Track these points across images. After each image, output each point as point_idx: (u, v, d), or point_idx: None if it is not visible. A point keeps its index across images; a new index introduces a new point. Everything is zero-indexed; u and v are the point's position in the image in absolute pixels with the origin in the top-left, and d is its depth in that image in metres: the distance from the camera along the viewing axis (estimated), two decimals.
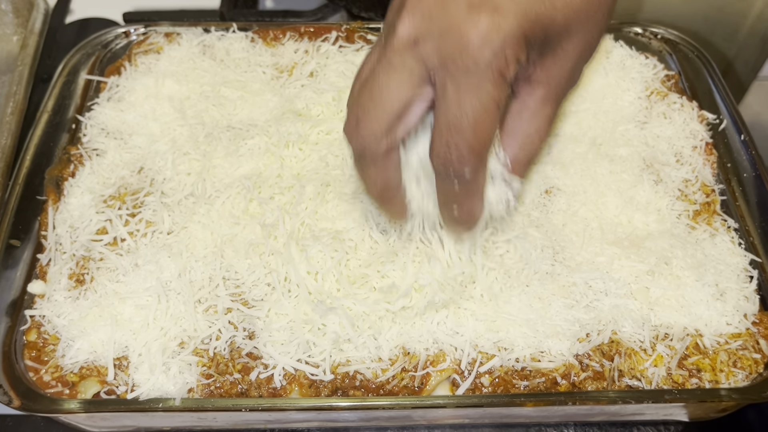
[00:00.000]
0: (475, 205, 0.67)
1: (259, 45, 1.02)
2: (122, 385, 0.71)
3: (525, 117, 0.65)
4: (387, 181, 0.66)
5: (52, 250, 0.80)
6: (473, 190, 0.65)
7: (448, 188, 0.64)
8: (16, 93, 0.95)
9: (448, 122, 0.59)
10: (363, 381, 0.72)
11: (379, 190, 0.68)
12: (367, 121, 0.61)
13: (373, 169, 0.65)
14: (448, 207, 0.68)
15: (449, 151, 0.60)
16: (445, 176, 0.63)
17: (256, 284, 0.77)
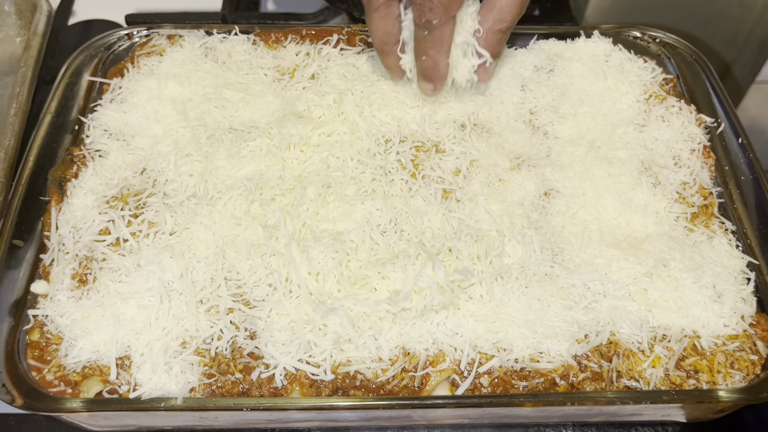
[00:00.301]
0: (440, 58, 0.85)
1: (260, 47, 1.02)
2: (124, 385, 0.72)
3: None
4: (386, 30, 0.85)
5: (55, 250, 0.80)
6: (439, 41, 0.82)
7: (420, 36, 0.82)
8: (19, 94, 0.96)
9: None
10: (363, 381, 0.72)
11: (380, 38, 0.86)
12: None
13: (376, 17, 0.83)
14: (419, 56, 0.85)
15: (423, 1, 0.78)
16: (420, 25, 0.80)
17: (257, 285, 0.77)
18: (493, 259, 0.79)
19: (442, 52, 0.84)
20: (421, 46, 0.84)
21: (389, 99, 0.95)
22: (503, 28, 0.84)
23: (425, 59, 0.85)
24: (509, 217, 0.84)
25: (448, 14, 0.80)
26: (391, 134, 0.91)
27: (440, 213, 0.83)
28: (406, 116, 0.94)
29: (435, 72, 0.86)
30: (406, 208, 0.83)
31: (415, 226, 0.82)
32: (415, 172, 0.88)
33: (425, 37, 0.82)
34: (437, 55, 0.84)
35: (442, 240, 0.80)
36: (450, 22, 0.81)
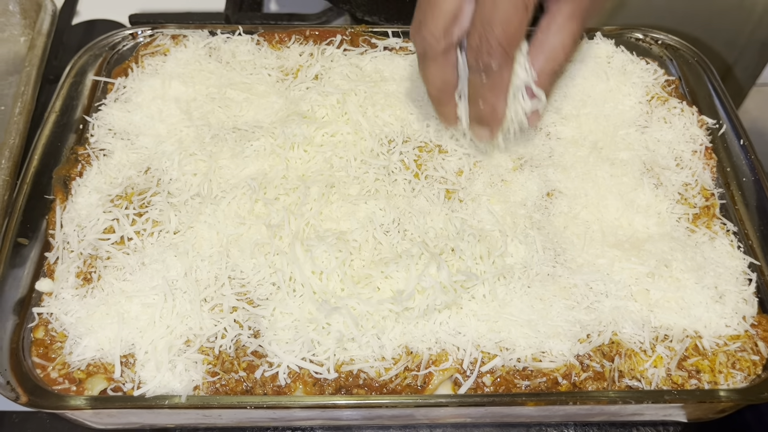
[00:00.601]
0: (499, 102, 0.78)
1: (264, 48, 1.03)
2: (129, 383, 0.72)
3: (552, 31, 0.76)
4: (445, 79, 0.78)
5: (60, 248, 0.81)
6: (498, 85, 0.76)
7: (477, 81, 0.75)
8: (24, 93, 0.96)
9: (483, 18, 0.71)
10: (366, 380, 0.73)
11: (438, 88, 0.80)
12: (428, 23, 0.74)
13: (434, 66, 0.77)
14: (475, 101, 0.78)
15: (481, 44, 0.72)
16: (476, 69, 0.74)
17: (261, 283, 0.78)
18: (495, 259, 0.79)
19: (500, 97, 0.78)
20: (477, 91, 0.77)
21: (392, 99, 0.95)
22: (556, 68, 0.78)
23: (483, 105, 0.78)
24: (512, 218, 0.84)
25: (508, 56, 0.73)
26: (394, 134, 0.92)
27: (443, 213, 0.84)
28: (409, 117, 0.94)
29: (493, 117, 0.79)
30: (409, 208, 0.84)
31: (418, 225, 0.82)
32: (418, 172, 0.88)
33: (483, 82, 0.75)
34: (496, 99, 0.78)
35: (444, 240, 0.80)
36: (509, 65, 0.75)
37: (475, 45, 0.72)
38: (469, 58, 0.75)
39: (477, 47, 0.72)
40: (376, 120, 0.93)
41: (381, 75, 0.99)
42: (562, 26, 0.75)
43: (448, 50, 0.76)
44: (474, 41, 0.72)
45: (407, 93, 0.96)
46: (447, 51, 0.76)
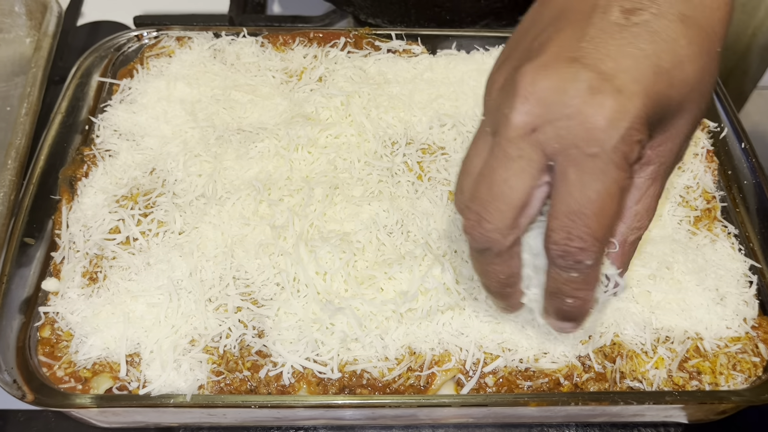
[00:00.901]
0: (589, 298, 0.63)
1: (268, 50, 1.04)
2: (134, 381, 0.73)
3: (634, 197, 0.62)
4: (511, 273, 0.64)
5: (66, 248, 0.81)
6: (590, 281, 0.61)
7: (564, 278, 0.60)
8: (30, 94, 0.97)
9: (570, 209, 0.55)
10: (370, 380, 0.73)
11: (502, 283, 0.64)
12: (491, 217, 0.58)
13: (498, 262, 0.62)
14: (558, 298, 0.63)
15: (570, 240, 0.56)
16: (563, 266, 0.59)
17: (265, 284, 0.78)
18: None
19: (592, 290, 0.62)
20: (563, 288, 0.62)
21: (396, 102, 0.96)
22: (640, 236, 0.65)
23: (568, 302, 0.63)
24: None
25: (602, 249, 0.58)
26: (398, 137, 0.92)
27: (446, 215, 0.84)
28: (412, 119, 0.95)
29: (582, 311, 0.64)
30: (413, 210, 0.84)
31: (422, 227, 0.83)
32: (422, 174, 0.89)
33: (569, 278, 0.60)
34: (587, 294, 0.62)
35: (448, 242, 0.81)
36: (602, 256, 0.60)
37: (562, 241, 0.57)
38: (553, 255, 0.59)
39: (564, 244, 0.57)
40: (379, 122, 0.94)
41: (385, 77, 1.00)
42: (645, 191, 0.62)
43: (515, 244, 0.61)
44: (559, 237, 0.57)
45: (411, 95, 0.97)
46: (513, 245, 0.61)
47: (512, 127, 0.54)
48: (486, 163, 0.57)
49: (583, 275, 0.59)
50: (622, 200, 0.58)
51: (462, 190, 0.61)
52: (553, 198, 0.56)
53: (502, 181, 0.56)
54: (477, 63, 1.02)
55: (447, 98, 0.97)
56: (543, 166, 0.55)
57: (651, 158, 0.61)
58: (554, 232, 0.57)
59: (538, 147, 0.54)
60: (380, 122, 0.93)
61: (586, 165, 0.53)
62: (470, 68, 1.01)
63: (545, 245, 0.59)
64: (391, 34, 1.05)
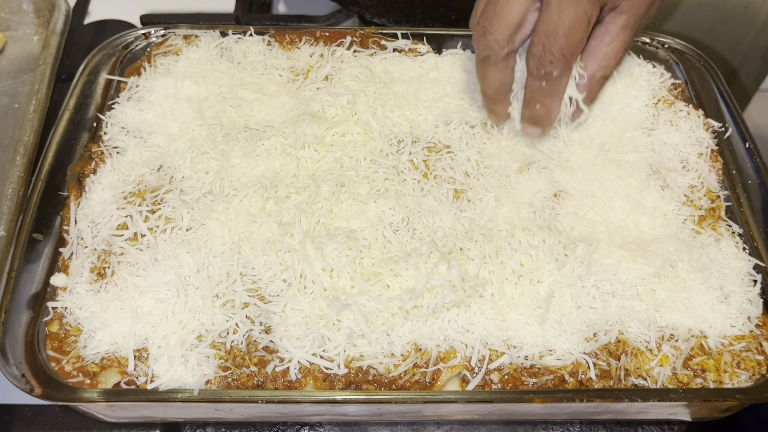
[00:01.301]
0: (554, 106, 0.84)
1: (275, 48, 1.04)
2: (142, 376, 0.73)
3: (606, 40, 0.81)
4: (502, 81, 0.84)
5: (74, 244, 0.82)
6: (556, 91, 0.81)
7: (536, 86, 0.80)
8: (38, 91, 0.98)
9: (547, 29, 0.75)
10: (376, 376, 0.74)
11: (495, 88, 0.85)
12: (493, 30, 0.79)
13: (494, 69, 0.83)
14: (531, 104, 0.84)
15: (543, 52, 0.76)
16: (536, 75, 0.79)
17: (272, 280, 0.79)
18: (504, 259, 0.80)
19: (556, 101, 0.84)
20: (535, 94, 0.83)
21: (402, 100, 0.96)
22: (606, 74, 0.84)
23: (539, 107, 0.84)
24: (519, 218, 0.85)
25: (568, 65, 0.79)
26: (404, 135, 0.93)
27: (451, 213, 0.85)
28: (418, 117, 0.95)
29: (547, 119, 0.86)
30: (418, 208, 0.85)
31: (427, 225, 0.83)
32: (427, 173, 0.89)
33: (541, 87, 0.81)
34: (552, 103, 0.84)
35: (453, 239, 0.81)
36: (568, 73, 0.81)
37: (538, 53, 0.77)
38: (530, 65, 0.79)
39: (539, 56, 0.77)
40: (385, 120, 0.94)
41: (390, 76, 1.00)
42: (616, 36, 0.80)
43: (509, 55, 0.82)
44: (537, 50, 0.77)
45: (416, 94, 0.97)
46: (508, 56, 0.81)
47: None
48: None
49: (550, 85, 0.80)
50: (588, 29, 0.78)
51: (476, 12, 0.82)
52: (537, 21, 0.77)
53: (505, 2, 0.78)
54: None
55: (452, 97, 0.98)
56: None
57: (624, 8, 0.79)
58: (534, 45, 0.78)
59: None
60: (386, 121, 0.94)
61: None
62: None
63: (526, 58, 0.80)
64: (397, 34, 1.06)
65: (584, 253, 0.81)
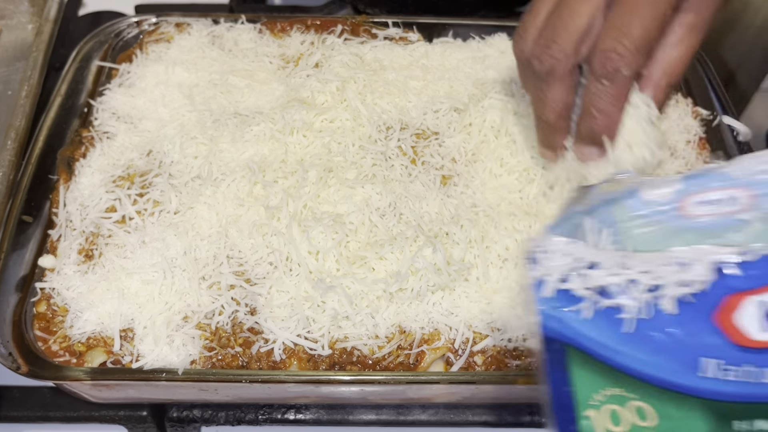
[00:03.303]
0: (617, 114, 0.71)
1: (266, 36, 1.05)
2: (127, 356, 0.74)
3: (671, 42, 0.71)
4: (567, 102, 0.73)
5: (63, 226, 0.83)
6: (620, 95, 0.70)
7: (598, 89, 0.70)
8: (30, 77, 0.98)
9: (621, 22, 0.67)
10: (360, 357, 0.74)
11: (558, 111, 0.74)
12: (560, 39, 0.69)
13: (558, 86, 0.72)
14: (589, 115, 0.72)
15: (614, 45, 0.67)
16: (601, 74, 0.69)
17: (258, 263, 0.79)
18: (489, 243, 0.80)
19: (620, 107, 0.71)
20: (595, 100, 0.70)
21: (391, 88, 0.97)
22: (672, 82, 0.73)
23: (598, 118, 0.71)
24: (507, 204, 0.85)
25: (638, 63, 0.68)
26: (393, 122, 0.93)
27: (438, 198, 0.85)
28: (407, 104, 0.96)
29: (608, 131, 0.72)
30: (405, 193, 0.85)
31: (414, 210, 0.84)
32: (415, 159, 0.90)
33: (604, 89, 0.69)
34: (615, 110, 0.71)
35: (439, 224, 0.82)
36: (634, 74, 0.69)
37: (607, 47, 0.67)
38: (595, 63, 0.69)
39: (608, 50, 0.67)
40: (374, 107, 0.95)
41: (380, 64, 1.01)
42: (682, 39, 0.71)
43: (574, 70, 0.71)
44: (605, 44, 0.68)
45: (406, 82, 0.97)
46: (573, 70, 0.71)
47: None
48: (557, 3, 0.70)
49: (616, 87, 0.69)
50: (662, 30, 0.68)
51: (527, 28, 0.73)
52: (609, 15, 0.68)
53: (571, 9, 0.69)
54: (473, 51, 1.03)
55: (442, 85, 0.98)
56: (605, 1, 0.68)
57: (693, 7, 0.70)
58: (603, 40, 0.68)
59: None
60: (375, 107, 0.94)
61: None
62: (465, 55, 1.02)
63: (591, 56, 0.69)
64: (387, 22, 1.06)
65: None
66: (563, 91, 0.72)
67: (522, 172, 0.88)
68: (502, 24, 1.07)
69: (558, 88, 0.72)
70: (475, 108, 0.92)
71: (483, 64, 1.01)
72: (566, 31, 0.69)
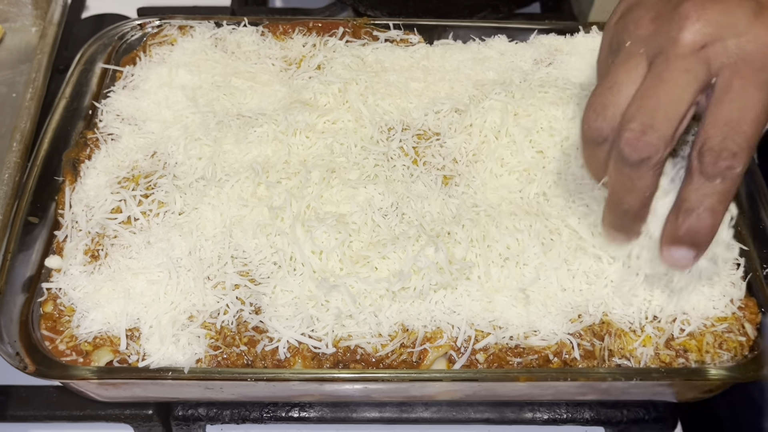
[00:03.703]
0: (722, 214, 0.64)
1: (269, 38, 1.06)
2: (134, 355, 0.75)
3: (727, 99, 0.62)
4: (654, 189, 0.67)
5: (69, 227, 0.84)
6: (730, 193, 0.63)
7: (707, 190, 0.62)
8: (35, 80, 0.99)
9: (730, 116, 0.60)
10: (363, 355, 0.75)
11: (644, 199, 0.67)
12: (659, 125, 0.61)
13: (650, 176, 0.64)
14: (690, 215, 0.64)
15: (725, 144, 0.60)
16: (710, 174, 0.61)
17: (262, 263, 0.80)
18: (490, 242, 0.81)
19: (726, 206, 0.64)
20: (703, 200, 0.63)
21: (393, 89, 0.97)
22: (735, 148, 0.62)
23: (703, 216, 0.63)
24: (508, 204, 0.86)
25: (749, 157, 0.61)
26: (394, 123, 0.94)
27: (440, 198, 0.86)
28: (408, 106, 0.97)
29: (711, 232, 0.65)
30: (408, 193, 0.86)
31: (416, 209, 0.85)
32: (417, 159, 0.91)
33: (714, 188, 0.62)
34: (722, 209, 0.64)
35: (441, 224, 0.83)
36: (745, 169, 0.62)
37: (718, 146, 0.60)
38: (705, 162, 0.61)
39: (718, 149, 0.60)
40: (376, 108, 0.95)
41: (382, 66, 1.02)
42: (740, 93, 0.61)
43: (667, 157, 0.65)
44: (714, 142, 0.60)
45: (407, 83, 0.98)
46: (666, 158, 0.65)
47: (682, 45, 0.60)
48: (648, 80, 0.62)
49: (726, 185, 0.62)
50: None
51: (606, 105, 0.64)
52: (711, 109, 0.61)
53: (670, 90, 0.61)
54: (473, 52, 1.04)
55: (443, 86, 0.99)
56: (706, 81, 0.61)
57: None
58: (710, 138, 0.60)
59: (706, 62, 0.60)
60: (377, 109, 0.95)
61: (753, 77, 0.60)
62: (466, 57, 1.03)
63: (694, 156, 0.62)
64: (388, 24, 1.07)
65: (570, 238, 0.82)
66: (654, 179, 0.65)
67: (522, 172, 0.89)
68: (502, 26, 1.08)
69: (651, 176, 0.64)
70: (475, 109, 0.93)
71: (483, 65, 1.02)
72: (666, 117, 0.61)
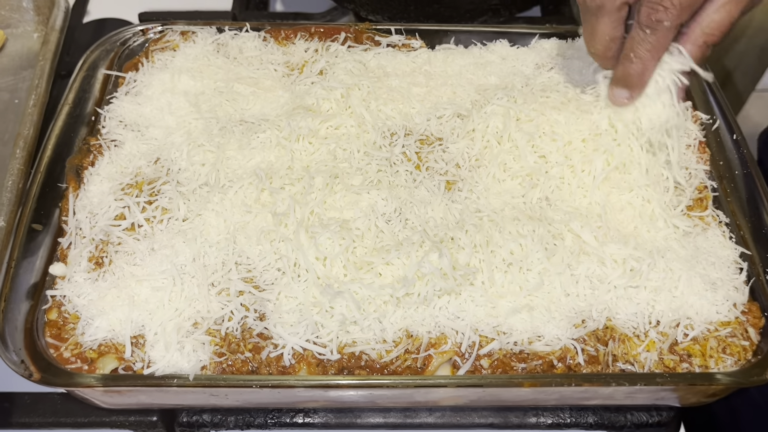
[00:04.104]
0: (651, 63, 0.80)
1: (271, 44, 1.06)
2: (139, 362, 0.75)
3: (714, 7, 0.77)
4: (614, 36, 0.80)
5: (73, 234, 0.84)
6: (658, 45, 0.78)
7: (639, 37, 0.78)
8: (38, 86, 0.99)
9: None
10: (368, 361, 0.75)
11: (606, 44, 0.81)
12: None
13: (607, 21, 0.79)
14: (627, 60, 0.80)
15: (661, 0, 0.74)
16: (644, 23, 0.76)
17: (267, 269, 0.80)
18: (494, 248, 0.81)
19: (655, 58, 0.80)
20: (635, 46, 0.79)
21: (395, 94, 0.98)
22: (709, 42, 0.79)
23: (635, 62, 0.80)
24: (511, 209, 0.86)
25: (680, 19, 0.75)
26: (397, 128, 0.95)
27: (443, 203, 0.86)
28: (411, 111, 0.97)
29: (640, 79, 0.82)
30: (411, 198, 0.86)
31: (419, 215, 0.85)
32: (420, 164, 0.91)
33: (645, 37, 0.77)
34: (650, 59, 0.79)
35: (444, 229, 0.83)
36: (675, 29, 0.77)
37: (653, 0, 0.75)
38: (641, 12, 0.76)
39: (656, 2, 0.74)
40: (379, 114, 0.96)
41: (384, 71, 1.02)
42: (723, 6, 0.76)
43: (622, 7, 0.78)
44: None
45: (409, 88, 0.99)
46: (621, 7, 0.78)
47: None
48: None
49: (656, 37, 0.77)
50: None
51: None
52: None
53: None
54: (474, 57, 1.05)
55: (445, 91, 0.99)
56: None
57: None
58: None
59: None
60: (379, 114, 0.96)
61: None
62: (468, 62, 1.03)
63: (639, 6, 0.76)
64: (390, 29, 1.07)
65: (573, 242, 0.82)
66: (610, 25, 0.79)
67: (525, 177, 0.89)
68: (503, 30, 1.08)
69: (606, 22, 0.79)
70: (478, 114, 0.93)
71: (485, 70, 1.03)
72: None
